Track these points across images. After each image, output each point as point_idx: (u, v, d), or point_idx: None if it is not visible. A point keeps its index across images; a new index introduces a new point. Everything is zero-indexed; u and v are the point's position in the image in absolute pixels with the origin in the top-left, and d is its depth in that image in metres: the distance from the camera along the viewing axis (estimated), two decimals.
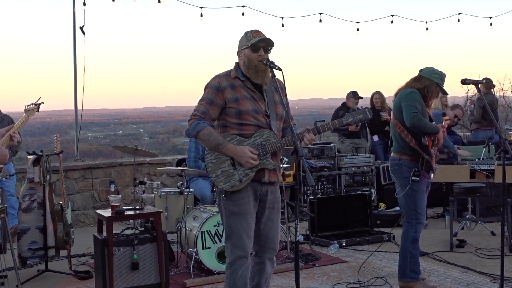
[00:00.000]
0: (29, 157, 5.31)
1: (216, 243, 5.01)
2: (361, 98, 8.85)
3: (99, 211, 4.88)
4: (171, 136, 29.15)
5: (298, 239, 3.16)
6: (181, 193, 5.41)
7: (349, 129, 8.55)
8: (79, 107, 8.40)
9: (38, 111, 4.52)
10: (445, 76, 4.57)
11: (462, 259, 5.53)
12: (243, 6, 9.41)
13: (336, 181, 8.10)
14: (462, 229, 6.64)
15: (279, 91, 3.42)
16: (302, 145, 3.34)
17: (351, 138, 8.87)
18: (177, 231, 5.37)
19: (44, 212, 5.21)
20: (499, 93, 17.33)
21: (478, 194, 6.31)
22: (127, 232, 4.72)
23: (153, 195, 5.59)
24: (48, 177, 5.26)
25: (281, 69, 3.28)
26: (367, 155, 8.46)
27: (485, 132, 8.65)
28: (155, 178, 8.22)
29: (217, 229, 5.02)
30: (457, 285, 4.76)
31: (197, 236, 4.94)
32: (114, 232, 4.57)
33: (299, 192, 3.35)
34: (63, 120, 27.71)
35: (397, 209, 7.00)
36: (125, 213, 4.68)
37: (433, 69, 4.55)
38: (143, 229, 4.75)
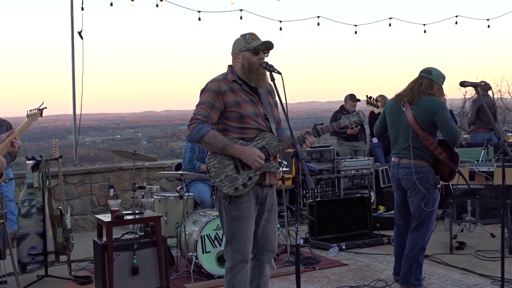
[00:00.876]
0: (28, 162, 5.28)
1: (216, 247, 5.00)
2: (359, 100, 8.85)
3: (98, 216, 4.88)
4: (169, 140, 29.15)
5: (298, 243, 3.15)
6: (181, 197, 5.40)
7: (348, 132, 8.55)
8: (78, 112, 8.40)
9: (41, 116, 4.51)
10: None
11: (462, 261, 5.53)
12: (241, 9, 9.43)
13: (335, 184, 8.10)
14: (461, 231, 6.65)
15: (272, 93, 3.43)
16: (303, 148, 3.34)
17: (350, 141, 8.88)
18: (177, 236, 5.36)
19: (43, 217, 5.19)
20: (497, 95, 17.37)
21: (477, 196, 6.32)
22: (127, 236, 4.70)
23: (153, 199, 5.58)
24: (47, 182, 5.25)
25: (280, 73, 3.26)
26: (366, 158, 8.47)
27: (484, 134, 8.66)
28: (154, 182, 8.21)
29: (217, 233, 5.01)
30: (457, 287, 4.75)
31: (197, 240, 4.94)
32: (113, 236, 4.55)
33: (299, 195, 3.34)
34: (61, 125, 27.67)
35: None
36: (125, 218, 4.67)
37: (440, 72, 4.52)
38: (142, 233, 4.74)
